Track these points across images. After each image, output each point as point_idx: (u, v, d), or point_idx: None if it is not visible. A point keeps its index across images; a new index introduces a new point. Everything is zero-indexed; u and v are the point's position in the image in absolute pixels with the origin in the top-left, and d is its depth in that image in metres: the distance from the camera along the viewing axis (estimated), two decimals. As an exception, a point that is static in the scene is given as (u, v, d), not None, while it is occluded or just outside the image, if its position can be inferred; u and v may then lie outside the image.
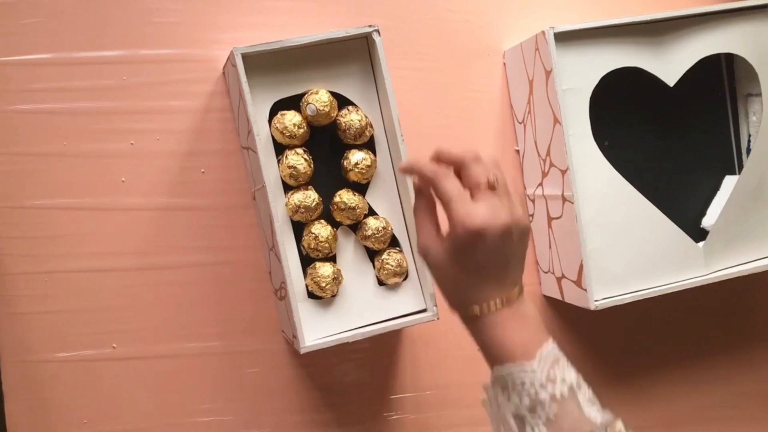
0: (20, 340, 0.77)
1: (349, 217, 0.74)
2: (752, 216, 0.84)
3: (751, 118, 0.89)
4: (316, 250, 0.73)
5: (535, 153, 0.84)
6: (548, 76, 0.77)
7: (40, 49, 0.75)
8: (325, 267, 0.73)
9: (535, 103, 0.82)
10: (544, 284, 0.88)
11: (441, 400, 0.87)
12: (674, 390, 0.83)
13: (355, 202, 0.74)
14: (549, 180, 0.82)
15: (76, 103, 0.76)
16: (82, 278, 0.77)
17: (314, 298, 0.74)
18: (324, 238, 0.73)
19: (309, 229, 0.74)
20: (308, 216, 0.73)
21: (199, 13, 0.79)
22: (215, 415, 0.81)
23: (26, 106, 0.75)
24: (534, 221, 0.87)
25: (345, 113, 0.74)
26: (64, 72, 0.76)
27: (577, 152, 0.77)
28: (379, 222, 0.75)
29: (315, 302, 0.74)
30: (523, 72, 0.83)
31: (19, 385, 0.77)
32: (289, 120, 0.72)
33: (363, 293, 0.76)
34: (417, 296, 0.77)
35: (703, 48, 0.82)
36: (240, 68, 0.69)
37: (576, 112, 0.78)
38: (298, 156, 0.73)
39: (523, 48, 0.82)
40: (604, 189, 0.79)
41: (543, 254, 0.87)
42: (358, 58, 0.75)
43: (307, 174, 0.73)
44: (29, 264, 0.76)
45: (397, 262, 0.75)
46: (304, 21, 0.81)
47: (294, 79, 0.74)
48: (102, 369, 0.77)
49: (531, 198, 0.87)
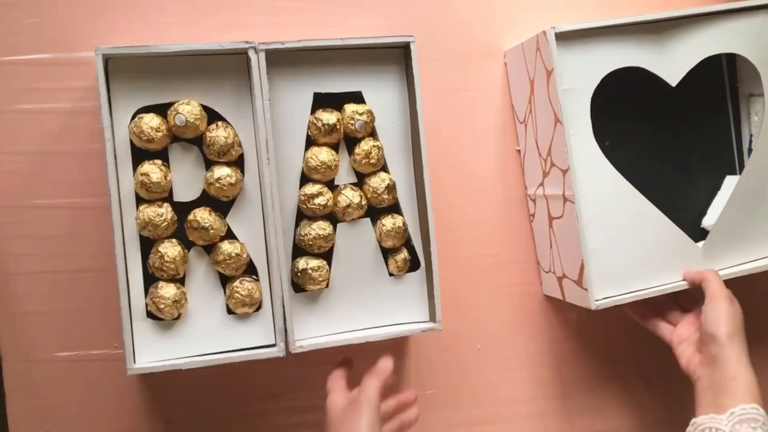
0: (21, 339, 0.77)
1: (203, 238, 0.70)
2: (753, 216, 0.84)
3: (752, 118, 0.89)
4: (161, 270, 0.70)
5: (536, 153, 0.83)
6: (549, 75, 0.77)
7: (40, 49, 0.75)
8: (168, 288, 0.70)
9: (536, 102, 0.81)
10: (545, 284, 0.88)
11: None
12: (677, 388, 0.83)
13: (210, 222, 0.70)
14: (550, 180, 0.81)
15: (76, 103, 0.76)
16: (82, 278, 0.77)
17: (156, 318, 0.71)
18: (170, 258, 0.69)
19: (157, 247, 0.70)
20: (156, 234, 0.69)
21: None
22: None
23: (26, 106, 0.75)
24: (535, 221, 0.87)
25: (213, 128, 0.71)
26: (64, 72, 0.76)
27: (578, 152, 0.77)
28: (233, 247, 0.71)
29: (156, 323, 0.71)
30: (524, 72, 0.83)
31: (20, 385, 0.77)
32: (146, 123, 0.69)
33: (209, 320, 0.72)
34: (267, 329, 0.73)
35: (706, 48, 0.81)
36: (99, 69, 0.67)
37: (577, 112, 0.77)
38: (153, 166, 0.69)
39: (524, 48, 0.82)
40: (604, 189, 0.78)
41: (544, 254, 0.87)
42: (240, 73, 0.72)
43: (161, 185, 0.69)
44: (30, 264, 0.76)
45: (248, 291, 0.71)
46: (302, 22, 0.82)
47: (166, 88, 0.71)
48: (102, 369, 0.77)
49: (532, 198, 0.87)
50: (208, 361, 0.70)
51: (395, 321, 0.77)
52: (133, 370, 0.68)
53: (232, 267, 0.72)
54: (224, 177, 0.71)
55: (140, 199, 0.71)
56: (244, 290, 0.72)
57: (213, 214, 0.71)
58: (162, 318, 0.71)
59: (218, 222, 0.71)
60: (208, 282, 0.73)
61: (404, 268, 0.77)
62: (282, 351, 0.71)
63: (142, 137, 0.69)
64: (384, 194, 0.75)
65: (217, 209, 0.72)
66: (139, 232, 0.70)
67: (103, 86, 0.68)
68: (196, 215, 0.71)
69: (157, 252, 0.70)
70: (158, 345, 0.71)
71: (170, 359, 0.70)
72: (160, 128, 0.69)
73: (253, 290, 0.72)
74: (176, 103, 0.70)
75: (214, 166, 0.72)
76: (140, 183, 0.69)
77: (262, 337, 0.73)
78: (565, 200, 0.78)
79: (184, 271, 0.71)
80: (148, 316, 0.71)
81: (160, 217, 0.69)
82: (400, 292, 0.77)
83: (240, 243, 0.72)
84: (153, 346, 0.71)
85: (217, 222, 0.71)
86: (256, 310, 0.73)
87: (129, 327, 0.69)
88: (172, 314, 0.70)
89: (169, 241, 0.71)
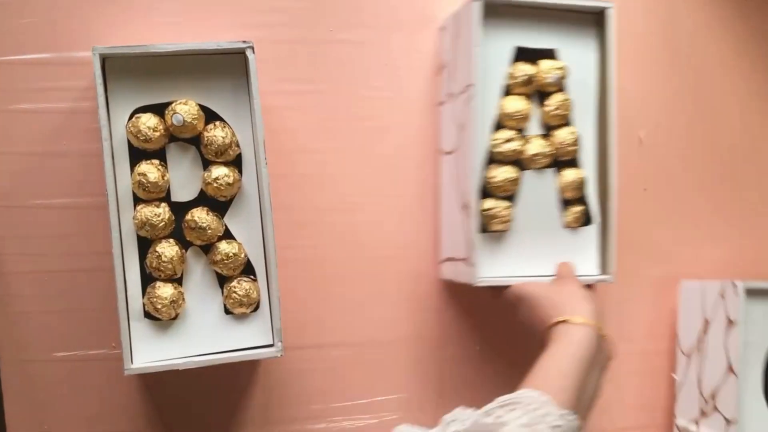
0: (20, 339, 0.77)
1: (200, 238, 0.70)
2: None
3: None
4: (158, 270, 0.70)
5: (697, 389, 0.83)
6: (731, 326, 0.77)
7: (37, 49, 0.75)
8: (165, 288, 0.70)
9: (709, 342, 0.81)
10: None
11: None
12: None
13: (207, 222, 0.70)
14: (708, 421, 0.81)
15: (76, 103, 0.76)
16: (79, 278, 0.77)
17: (153, 318, 0.71)
18: (168, 258, 0.69)
19: (154, 247, 0.70)
20: (154, 234, 0.69)
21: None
22: (214, 416, 0.80)
23: (24, 105, 0.75)
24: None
25: (210, 128, 0.71)
26: (62, 72, 0.76)
27: (747, 405, 0.77)
28: (230, 247, 0.71)
29: (153, 323, 0.71)
30: (698, 309, 0.84)
31: (18, 385, 0.77)
32: (143, 123, 0.69)
33: (206, 320, 0.72)
34: (264, 329, 0.73)
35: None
36: (97, 69, 0.67)
37: (752, 366, 0.77)
38: (151, 166, 0.69)
39: (704, 288, 0.84)
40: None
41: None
42: (235, 73, 0.72)
43: (158, 185, 0.69)
44: (29, 264, 0.77)
45: (246, 291, 0.71)
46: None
47: (163, 87, 0.71)
48: (100, 369, 0.77)
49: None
50: (206, 361, 0.70)
51: None
52: (131, 370, 0.68)
53: (229, 267, 0.71)
54: (222, 177, 0.70)
55: (138, 199, 0.71)
56: (241, 290, 0.72)
57: (210, 214, 0.71)
58: (159, 318, 0.70)
59: (216, 222, 0.71)
60: (205, 282, 0.73)
61: (580, 222, 0.81)
62: (279, 351, 0.71)
63: (139, 137, 0.69)
64: (570, 146, 0.79)
65: (215, 209, 0.72)
66: (137, 231, 0.70)
67: (101, 86, 0.68)
68: (193, 215, 0.71)
69: (155, 252, 0.70)
70: (156, 345, 0.71)
71: (168, 359, 0.70)
72: (158, 128, 0.69)
73: (251, 290, 0.72)
74: (174, 103, 0.70)
75: (211, 165, 0.71)
76: (138, 183, 0.69)
77: (260, 337, 0.73)
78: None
79: (181, 271, 0.71)
80: (145, 316, 0.71)
81: (157, 217, 0.69)
82: (574, 243, 0.80)
83: (237, 243, 0.72)
84: (150, 346, 0.71)
85: (214, 222, 0.71)
86: (253, 310, 0.73)
87: (126, 327, 0.69)
88: (170, 314, 0.70)
89: (167, 241, 0.71)
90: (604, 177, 0.80)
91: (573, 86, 0.80)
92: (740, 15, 0.94)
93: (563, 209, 0.80)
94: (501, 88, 0.79)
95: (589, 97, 0.81)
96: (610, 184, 0.79)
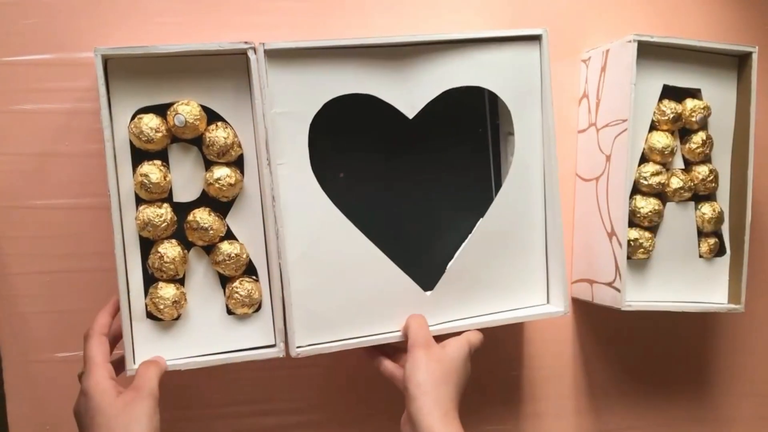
0: (21, 339, 0.77)
1: (202, 238, 0.71)
2: (492, 263, 0.78)
3: (509, 158, 0.79)
4: (161, 270, 0.70)
5: None
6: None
7: (39, 49, 0.75)
8: (167, 289, 0.70)
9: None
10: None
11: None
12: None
13: (209, 222, 0.70)
14: None
15: (77, 104, 0.76)
16: (82, 278, 0.77)
17: (156, 319, 0.71)
18: (170, 258, 0.70)
19: (156, 247, 0.70)
20: (156, 234, 0.69)
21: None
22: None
23: (26, 106, 0.75)
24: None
25: (212, 129, 0.71)
26: (64, 72, 0.76)
27: (289, 183, 0.71)
28: (232, 247, 0.71)
29: (155, 323, 0.71)
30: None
31: (20, 385, 0.77)
32: (145, 123, 0.69)
33: (209, 321, 0.72)
34: (267, 330, 0.73)
35: (448, 79, 0.75)
36: (99, 69, 0.67)
37: (291, 139, 0.71)
38: (153, 166, 0.69)
39: None
40: (317, 226, 0.72)
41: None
42: (239, 74, 0.72)
43: (160, 186, 0.69)
44: (30, 264, 0.77)
45: (248, 292, 0.72)
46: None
47: (165, 88, 0.71)
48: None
49: None
50: (208, 361, 0.70)
51: (700, 299, 0.86)
52: (133, 371, 0.68)
53: (231, 267, 0.72)
54: (224, 177, 0.71)
55: (140, 200, 0.71)
56: (243, 291, 0.72)
57: (212, 214, 0.71)
58: (161, 318, 0.71)
59: (218, 222, 0.71)
60: (207, 282, 0.73)
61: (714, 252, 0.85)
62: (281, 351, 0.71)
63: (141, 138, 0.69)
64: (710, 182, 0.84)
65: (217, 210, 0.72)
66: (139, 232, 0.70)
67: (103, 87, 0.68)
68: (195, 216, 0.71)
69: (157, 252, 0.70)
70: (158, 345, 0.71)
71: (170, 360, 0.70)
72: (160, 129, 0.69)
73: (253, 291, 0.72)
74: (175, 104, 0.70)
75: (213, 166, 0.72)
76: (140, 183, 0.69)
77: (262, 337, 0.73)
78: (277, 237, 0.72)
79: (183, 271, 0.71)
80: (147, 317, 0.71)
81: (159, 217, 0.69)
82: (706, 272, 0.86)
83: (240, 243, 0.72)
84: (152, 346, 0.71)
85: (216, 222, 0.71)
86: (255, 310, 0.73)
87: (129, 327, 0.69)
88: (172, 315, 0.70)
89: (169, 242, 0.71)
90: (739, 211, 0.85)
91: (712, 124, 0.85)
92: None
93: (699, 240, 0.85)
94: (648, 123, 0.82)
95: (727, 136, 0.86)
96: (746, 217, 0.84)
